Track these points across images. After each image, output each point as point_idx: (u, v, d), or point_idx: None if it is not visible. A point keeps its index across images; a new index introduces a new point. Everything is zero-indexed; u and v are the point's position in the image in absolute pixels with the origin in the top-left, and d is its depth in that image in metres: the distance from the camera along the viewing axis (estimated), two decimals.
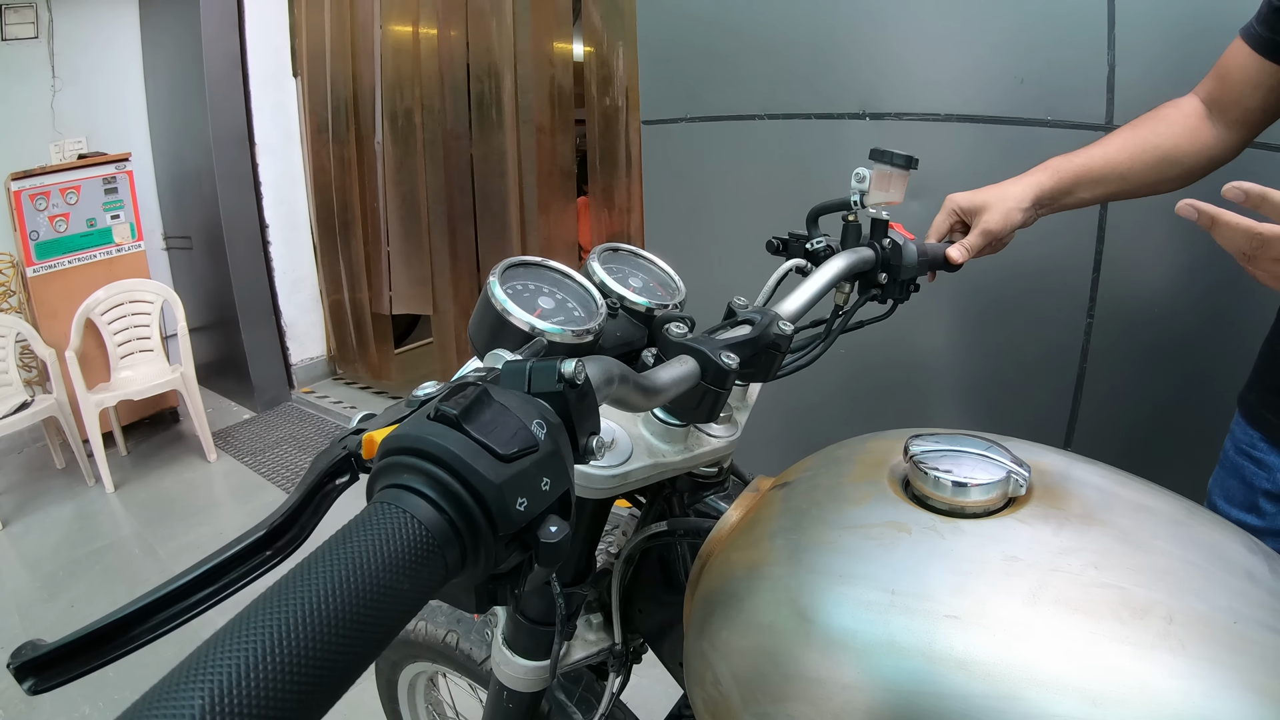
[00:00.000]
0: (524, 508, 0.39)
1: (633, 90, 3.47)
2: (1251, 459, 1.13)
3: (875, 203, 0.97)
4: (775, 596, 0.61)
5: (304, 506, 0.44)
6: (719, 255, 2.21)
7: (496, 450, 0.38)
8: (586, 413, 0.46)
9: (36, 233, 4.19)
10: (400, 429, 0.39)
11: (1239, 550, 0.60)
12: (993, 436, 0.71)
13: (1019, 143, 1.62)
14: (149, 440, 4.77)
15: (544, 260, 0.74)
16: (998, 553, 0.56)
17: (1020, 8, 1.58)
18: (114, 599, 3.06)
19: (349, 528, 0.36)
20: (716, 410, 0.64)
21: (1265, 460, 1.10)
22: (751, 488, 0.79)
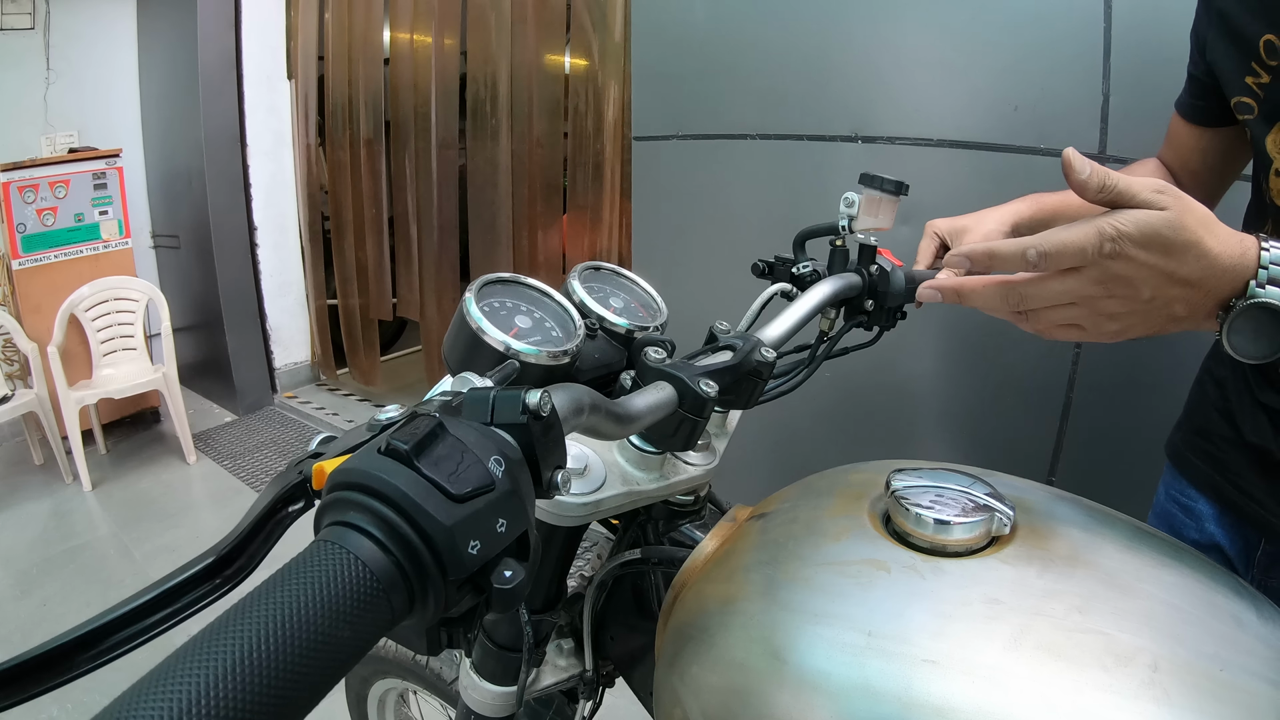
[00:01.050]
0: (476, 551, 0.37)
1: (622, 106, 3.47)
2: (1180, 505, 1.11)
3: (864, 228, 0.95)
4: (748, 633, 0.59)
5: (255, 533, 0.42)
6: (706, 274, 2.20)
7: (448, 489, 0.36)
8: (552, 446, 0.43)
9: (24, 225, 4.15)
10: (349, 462, 0.37)
11: (1226, 594, 0.58)
12: (977, 471, 0.70)
13: (1011, 170, 1.61)
14: (129, 439, 4.73)
15: (522, 278, 0.72)
16: (979, 594, 0.55)
17: (1016, 35, 1.57)
18: (87, 599, 3.05)
19: (288, 568, 0.33)
20: (694, 439, 0.62)
21: (1193, 508, 1.08)
22: (728, 517, 0.77)
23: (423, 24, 4.25)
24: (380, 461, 0.36)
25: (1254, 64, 0.89)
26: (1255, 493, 0.98)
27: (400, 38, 4.40)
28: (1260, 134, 0.91)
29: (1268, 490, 0.96)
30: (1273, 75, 0.87)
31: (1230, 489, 1.02)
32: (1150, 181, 0.64)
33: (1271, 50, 0.87)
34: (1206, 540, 1.06)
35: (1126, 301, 0.65)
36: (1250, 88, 0.91)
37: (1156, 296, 0.65)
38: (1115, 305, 0.66)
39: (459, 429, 0.39)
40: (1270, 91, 0.88)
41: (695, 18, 2.07)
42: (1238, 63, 0.92)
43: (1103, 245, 0.63)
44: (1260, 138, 0.92)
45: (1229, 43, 0.95)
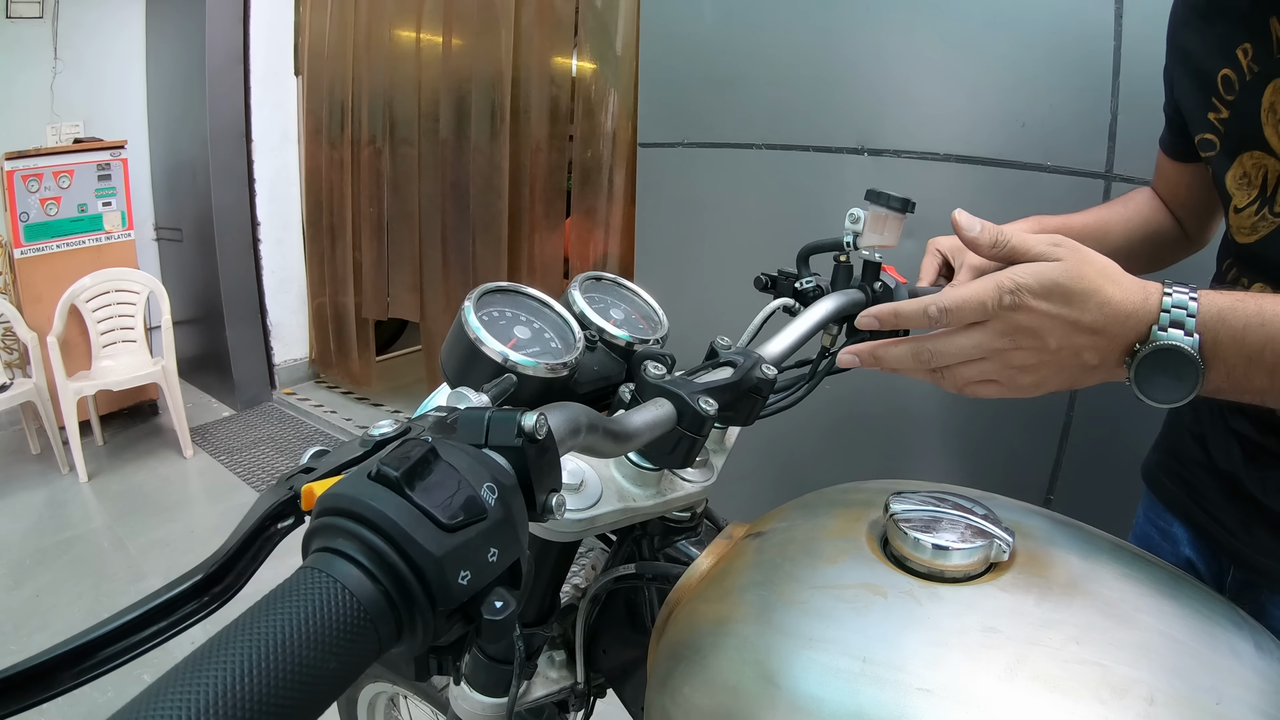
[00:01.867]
0: (467, 581, 0.36)
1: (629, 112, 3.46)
2: (1157, 529, 1.10)
3: (869, 245, 0.94)
4: (741, 656, 0.58)
5: (244, 550, 0.41)
6: (708, 283, 2.19)
7: (439, 518, 0.35)
8: (547, 469, 0.43)
9: (26, 214, 4.15)
10: (338, 486, 0.36)
11: (1224, 625, 0.58)
12: (977, 494, 0.69)
13: (1017, 187, 1.61)
14: (126, 432, 4.72)
15: (521, 287, 0.72)
16: (976, 623, 0.54)
17: (1026, 51, 1.57)
18: (79, 591, 3.05)
19: (274, 595, 0.33)
20: (692, 456, 0.62)
21: (1169, 531, 1.08)
22: (725, 534, 0.76)
23: (430, 23, 4.24)
24: (370, 488, 0.36)
25: (1214, 99, 0.90)
26: (1225, 519, 0.97)
27: (406, 36, 4.39)
28: (1221, 170, 0.91)
29: (1236, 517, 0.95)
30: (1231, 110, 0.87)
31: (1201, 514, 1.01)
32: (1046, 235, 0.67)
33: (1229, 85, 0.87)
34: (1181, 563, 1.06)
35: (1035, 352, 0.66)
36: (1212, 124, 0.91)
37: (1064, 346, 0.65)
38: (1025, 357, 0.66)
39: (451, 454, 0.38)
40: (1229, 126, 0.88)
41: (703, 26, 2.07)
42: (1199, 99, 0.93)
43: (1002, 298, 0.64)
44: (1221, 174, 0.91)
45: (1191, 79, 0.96)
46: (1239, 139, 0.87)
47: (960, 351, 0.67)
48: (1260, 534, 0.92)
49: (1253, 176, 0.86)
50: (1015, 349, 0.65)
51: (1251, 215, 0.87)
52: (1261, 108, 0.82)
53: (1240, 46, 0.84)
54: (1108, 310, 0.64)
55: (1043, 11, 1.54)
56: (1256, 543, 0.93)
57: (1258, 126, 0.83)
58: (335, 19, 4.67)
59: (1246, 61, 0.83)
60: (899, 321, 0.71)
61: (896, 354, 0.71)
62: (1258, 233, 0.87)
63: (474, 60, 3.98)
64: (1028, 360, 0.66)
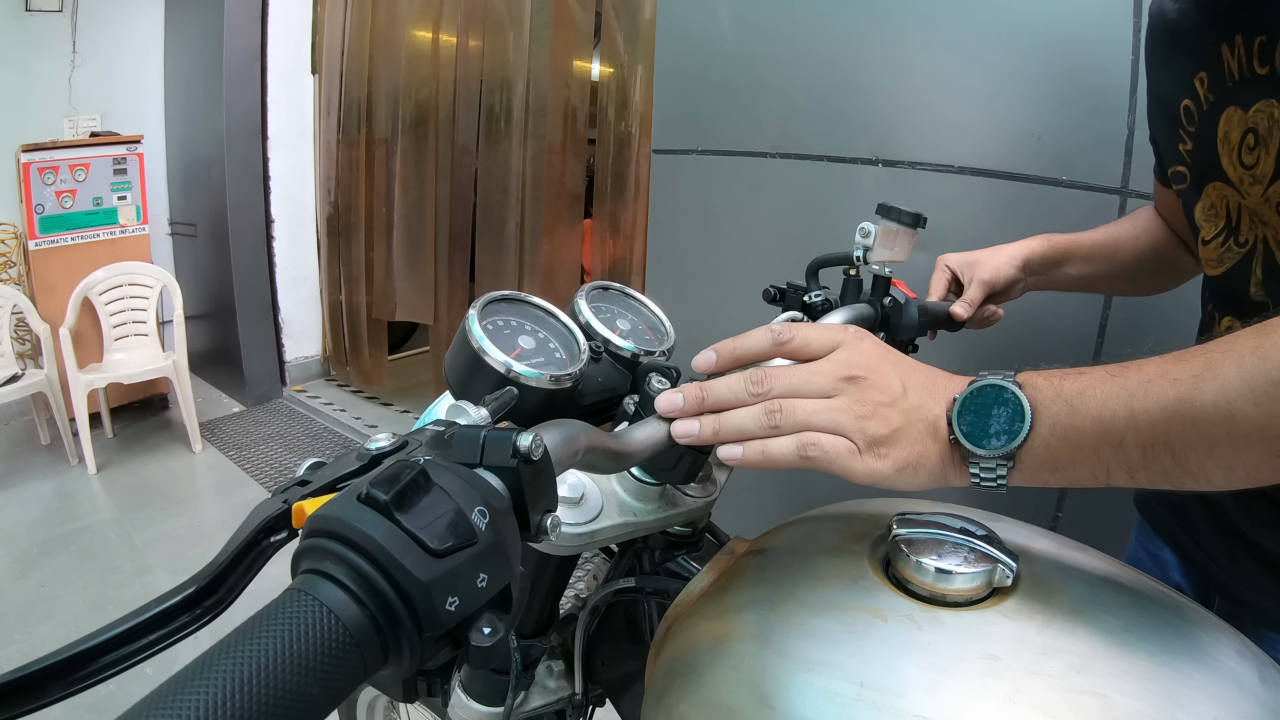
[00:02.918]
0: (455, 607, 0.35)
1: (646, 117, 3.45)
2: (1148, 553, 1.10)
3: (879, 260, 0.94)
4: (738, 676, 0.58)
5: (236, 564, 0.41)
6: (719, 290, 2.18)
7: (427, 544, 0.35)
8: (542, 490, 0.42)
9: (42, 206, 4.18)
10: (327, 508, 0.36)
11: (1229, 655, 0.57)
12: (983, 515, 0.69)
13: (1032, 201, 1.60)
14: (136, 425, 4.74)
15: (527, 296, 0.71)
16: (976, 649, 0.53)
17: (1043, 64, 1.56)
18: (85, 582, 3.06)
19: (260, 617, 0.32)
20: (694, 472, 0.61)
21: (1159, 556, 1.07)
22: (726, 550, 0.76)
23: (447, 24, 4.24)
24: (358, 511, 0.35)
25: (1180, 130, 0.88)
26: (1211, 548, 0.96)
27: (422, 37, 4.40)
28: (1191, 202, 0.90)
29: (1222, 547, 0.94)
30: (1194, 141, 0.86)
31: (1189, 542, 1.01)
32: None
33: (1189, 116, 0.86)
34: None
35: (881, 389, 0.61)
36: (1183, 155, 0.90)
37: (905, 379, 0.62)
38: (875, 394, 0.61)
39: (443, 477, 0.38)
40: (1195, 158, 0.87)
41: (719, 33, 2.06)
42: (1170, 131, 0.92)
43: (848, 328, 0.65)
44: (1191, 206, 0.91)
45: (1162, 111, 0.95)
46: (1203, 171, 0.86)
47: (805, 384, 0.62)
48: (1245, 566, 0.91)
49: (1218, 208, 0.85)
50: (864, 376, 0.61)
51: (1218, 247, 0.86)
52: (1218, 137, 0.81)
53: (1198, 75, 0.83)
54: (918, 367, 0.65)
55: (1060, 25, 1.53)
56: (1241, 574, 0.92)
57: (1216, 157, 0.82)
58: (353, 18, 4.67)
59: (1204, 91, 0.82)
60: (738, 358, 0.66)
61: (725, 384, 0.63)
62: (1224, 264, 0.86)
63: (490, 62, 3.98)
64: (877, 395, 0.61)
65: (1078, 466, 0.56)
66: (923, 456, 0.59)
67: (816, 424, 0.60)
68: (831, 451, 0.59)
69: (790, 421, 0.60)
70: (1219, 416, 0.50)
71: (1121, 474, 0.55)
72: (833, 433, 0.59)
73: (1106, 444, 0.54)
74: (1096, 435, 0.54)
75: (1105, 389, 0.54)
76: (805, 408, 0.60)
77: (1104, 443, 0.54)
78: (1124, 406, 0.53)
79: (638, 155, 3.50)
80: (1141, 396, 0.53)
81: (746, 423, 0.61)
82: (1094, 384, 0.55)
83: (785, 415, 0.60)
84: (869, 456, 0.59)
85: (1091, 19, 1.49)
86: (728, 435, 0.61)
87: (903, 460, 0.59)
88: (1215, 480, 0.53)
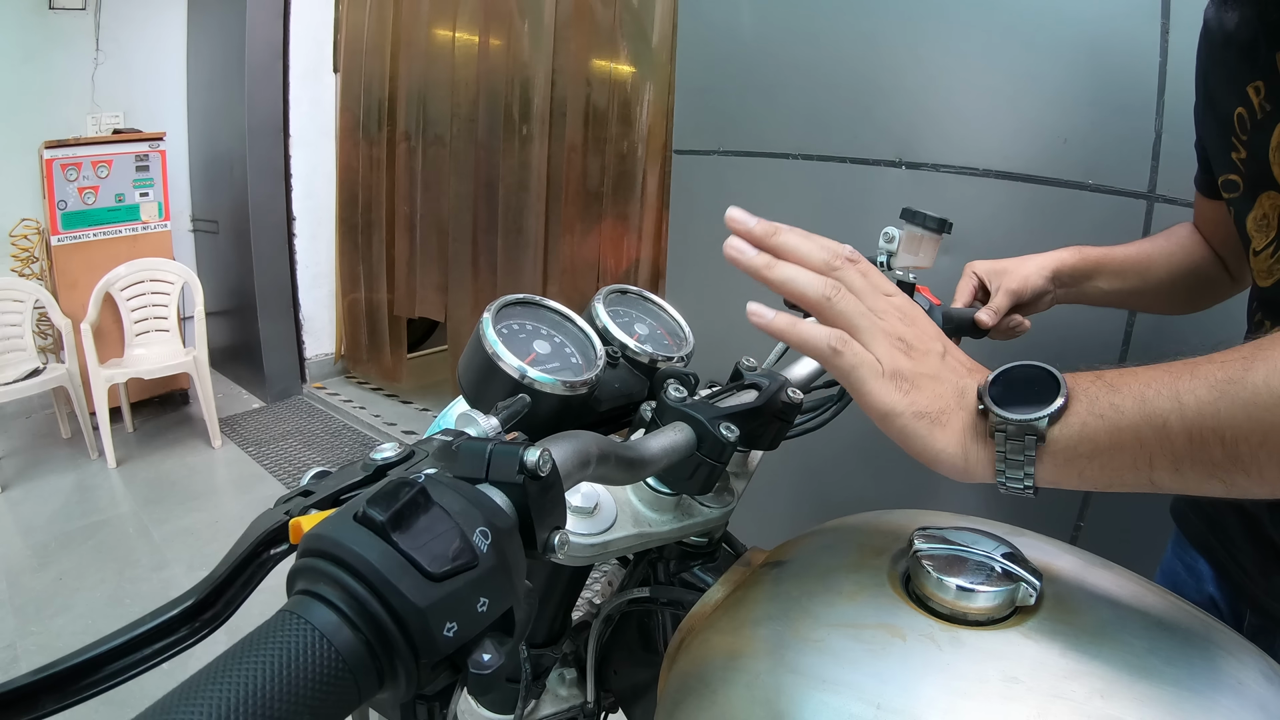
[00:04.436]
0: (453, 633, 0.34)
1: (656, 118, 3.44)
2: (1184, 564, 1.08)
3: (903, 265, 0.92)
4: (752, 694, 0.56)
5: (235, 576, 0.40)
6: (739, 292, 2.15)
7: (425, 567, 0.33)
8: (550, 506, 0.41)
9: (65, 202, 4.21)
10: (322, 526, 0.35)
11: (1255, 679, 0.55)
12: (1005, 530, 0.67)
13: (1056, 205, 1.58)
14: (156, 420, 4.78)
15: (543, 300, 0.70)
16: (997, 671, 0.52)
17: (1069, 66, 1.54)
18: (103, 576, 3.08)
19: (250, 640, 0.31)
20: (711, 483, 0.60)
21: (1195, 567, 1.06)
22: (742, 561, 0.74)
23: (468, 22, 4.24)
24: (354, 531, 0.34)
25: (1233, 138, 0.86)
26: (1244, 561, 0.95)
27: (443, 35, 4.40)
28: (1243, 212, 0.88)
29: (1257, 561, 0.93)
30: (1248, 150, 0.84)
31: (1223, 553, 0.99)
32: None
33: (1242, 124, 0.84)
34: (1204, 600, 1.03)
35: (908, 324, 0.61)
36: (1235, 164, 0.87)
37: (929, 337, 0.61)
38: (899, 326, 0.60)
39: (444, 495, 0.36)
40: (1249, 167, 0.85)
41: (741, 33, 2.05)
42: (1222, 139, 0.89)
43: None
44: (1242, 216, 0.88)
45: (1213, 117, 0.93)
46: (1256, 180, 0.83)
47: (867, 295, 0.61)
48: (1277, 580, 0.89)
49: (1270, 218, 0.82)
50: (917, 328, 0.61)
51: (1268, 258, 0.84)
52: (1270, 146, 0.78)
53: (1252, 84, 0.80)
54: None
55: (1087, 26, 1.51)
56: (1273, 588, 0.90)
57: (1269, 166, 0.79)
58: (374, 16, 4.68)
59: (1259, 100, 0.80)
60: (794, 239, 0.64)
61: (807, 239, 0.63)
62: (1274, 275, 0.84)
63: (510, 60, 3.98)
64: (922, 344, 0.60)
65: (1117, 453, 0.52)
66: (943, 414, 0.57)
67: (860, 326, 0.59)
68: (857, 358, 0.58)
69: (839, 308, 0.59)
70: (1271, 397, 0.47)
71: (1166, 466, 0.51)
72: (867, 346, 0.58)
73: (1150, 425, 0.51)
74: (1139, 416, 0.51)
75: (1149, 372, 0.52)
76: (859, 307, 0.59)
77: (1146, 424, 0.51)
78: (1168, 386, 0.51)
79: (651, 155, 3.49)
80: (1188, 377, 0.50)
81: (801, 278, 0.60)
82: (1136, 370, 0.53)
83: (839, 300, 0.59)
84: (889, 382, 0.57)
85: (1119, 20, 1.47)
86: (776, 278, 0.61)
87: (921, 406, 0.57)
88: (1269, 475, 0.49)
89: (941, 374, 0.59)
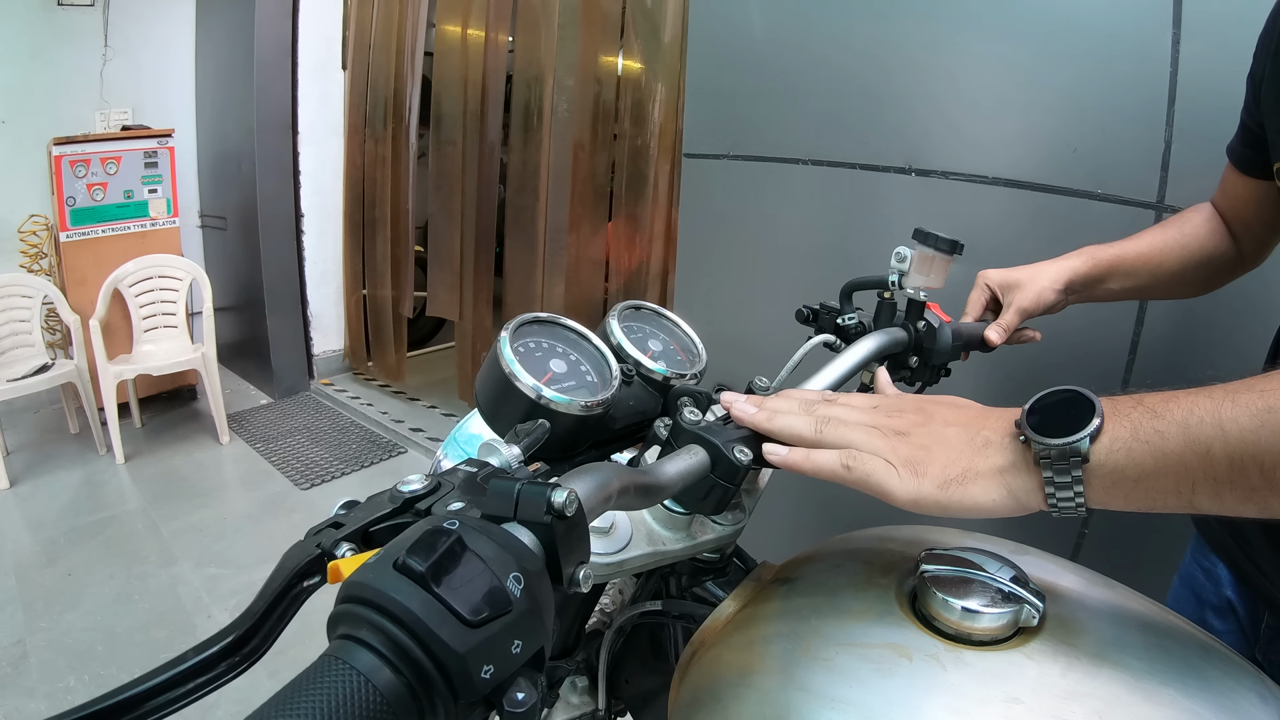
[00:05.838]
0: (489, 675, 0.36)
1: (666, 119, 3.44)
2: (1202, 568, 1.09)
3: (914, 285, 0.93)
4: (761, 711, 0.58)
5: (272, 610, 0.42)
6: (750, 295, 2.18)
7: (463, 615, 0.35)
8: (575, 543, 0.42)
9: (73, 199, 4.23)
10: (362, 574, 0.36)
11: (1251, 700, 0.56)
12: (1010, 549, 0.68)
13: (1065, 214, 1.58)
14: (164, 415, 4.80)
15: (559, 318, 0.71)
16: (999, 692, 0.53)
17: (1079, 76, 1.54)
18: (111, 572, 3.09)
19: (297, 684, 0.33)
20: (724, 503, 0.61)
21: (1214, 572, 1.06)
22: (753, 576, 0.76)
23: (475, 18, 4.25)
24: (395, 581, 0.36)
25: None
26: (1264, 565, 0.95)
27: (450, 31, 4.40)
28: None
29: (1276, 565, 0.93)
30: None
31: (1243, 558, 1.00)
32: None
33: None
34: (1223, 604, 1.05)
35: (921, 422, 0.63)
36: None
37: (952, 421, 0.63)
38: (909, 422, 0.63)
39: (478, 543, 0.38)
40: None
41: (752, 37, 2.06)
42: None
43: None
44: None
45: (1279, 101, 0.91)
46: None
47: (849, 411, 0.65)
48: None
49: None
50: (902, 415, 0.64)
51: None
52: None
53: None
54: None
55: (1098, 35, 1.51)
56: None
57: None
58: (381, 13, 4.68)
59: None
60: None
61: (783, 400, 0.69)
62: None
63: (519, 57, 3.98)
64: (912, 429, 0.63)
65: (1162, 478, 0.54)
66: (969, 471, 0.59)
67: (856, 441, 0.62)
68: (869, 466, 0.61)
69: (834, 435, 0.63)
70: None
71: (1207, 490, 0.53)
72: (871, 454, 0.61)
73: (1193, 451, 0.52)
74: (1182, 442, 0.52)
75: (1190, 399, 0.54)
76: (848, 427, 0.64)
77: (1190, 450, 0.52)
78: (1211, 414, 0.52)
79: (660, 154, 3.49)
80: (1229, 405, 0.51)
81: (796, 423, 0.65)
82: (1177, 395, 0.55)
83: (830, 428, 0.64)
84: (906, 474, 0.60)
85: (1130, 29, 1.47)
86: (779, 427, 0.65)
87: (945, 477, 0.59)
88: None
89: (948, 439, 0.61)
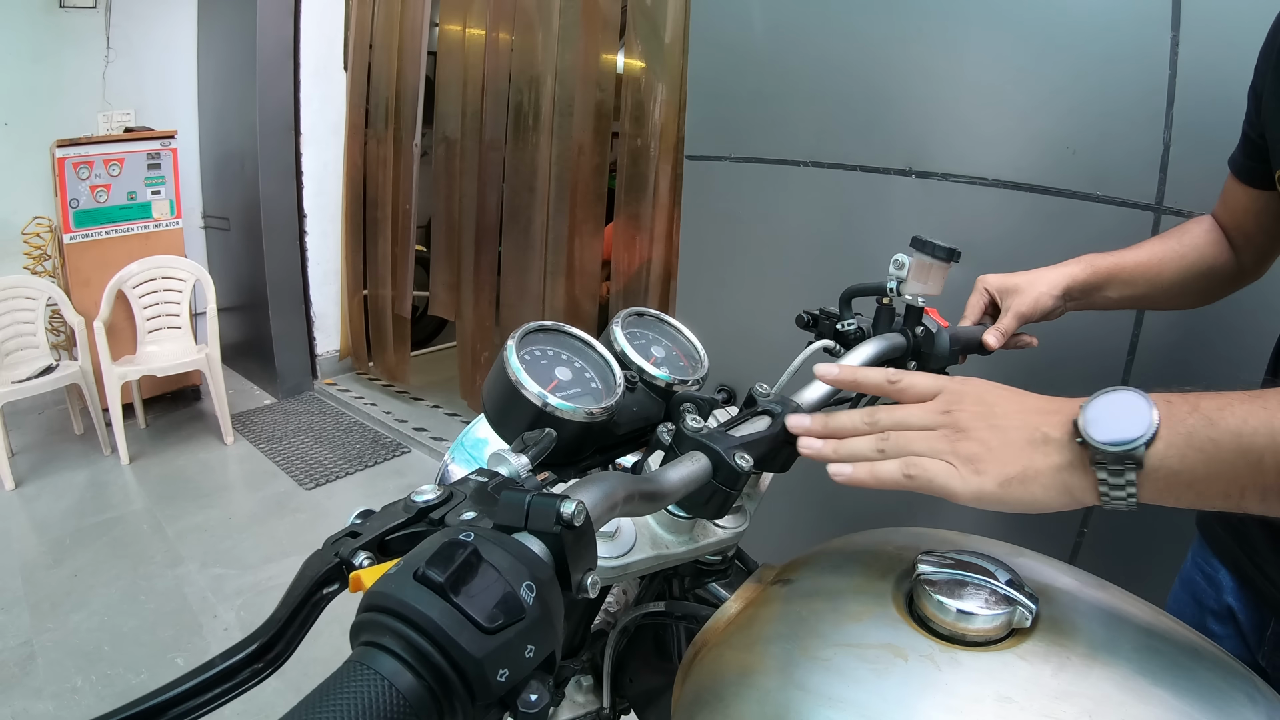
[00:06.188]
0: (504, 678, 0.38)
1: (667, 120, 3.45)
2: (1203, 573, 1.09)
3: (912, 292, 0.94)
4: (762, 710, 0.59)
5: (294, 618, 0.44)
6: (751, 296, 2.19)
7: (480, 622, 0.38)
8: (583, 551, 0.45)
9: (77, 201, 4.24)
10: (384, 584, 0.39)
11: (1240, 699, 0.57)
12: (1005, 551, 0.70)
13: (1065, 216, 1.59)
14: (168, 416, 4.81)
15: (565, 327, 0.73)
16: (992, 692, 0.54)
17: (1079, 78, 1.55)
18: (117, 572, 3.11)
19: (324, 689, 0.35)
20: (726, 509, 0.63)
21: (1215, 577, 1.07)
22: (755, 577, 0.77)
23: (475, 18, 4.25)
24: (416, 591, 0.38)
25: None
26: (1270, 570, 0.96)
27: (451, 31, 4.40)
28: None
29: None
30: None
31: (1247, 563, 1.00)
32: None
33: None
34: (1223, 610, 1.05)
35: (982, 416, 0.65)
36: None
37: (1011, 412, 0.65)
38: (970, 419, 0.65)
39: (493, 554, 0.40)
40: None
41: (753, 39, 2.07)
42: None
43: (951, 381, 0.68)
44: None
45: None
46: None
47: (909, 417, 0.67)
48: None
49: None
50: (962, 409, 0.65)
51: None
52: None
53: None
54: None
55: (1097, 37, 1.52)
56: None
57: None
58: (382, 13, 4.69)
59: None
60: (857, 385, 0.73)
61: (846, 417, 0.70)
62: None
63: (519, 58, 3.98)
64: (973, 423, 0.64)
65: (1212, 483, 0.56)
66: (1029, 470, 0.61)
67: (917, 449, 0.64)
68: (931, 470, 0.63)
69: (895, 448, 0.65)
70: None
71: (1255, 496, 0.55)
72: (933, 458, 0.63)
73: (1245, 460, 0.54)
74: (1235, 451, 0.54)
75: (1246, 407, 0.55)
76: (908, 437, 0.66)
77: (1242, 459, 0.54)
78: (1265, 424, 0.53)
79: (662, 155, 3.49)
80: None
81: (860, 447, 0.67)
82: (1233, 401, 0.56)
83: (892, 443, 0.66)
84: (967, 473, 0.62)
85: (1129, 31, 1.48)
86: (844, 455, 0.67)
87: (1004, 474, 0.61)
88: None
89: (1007, 435, 0.63)
